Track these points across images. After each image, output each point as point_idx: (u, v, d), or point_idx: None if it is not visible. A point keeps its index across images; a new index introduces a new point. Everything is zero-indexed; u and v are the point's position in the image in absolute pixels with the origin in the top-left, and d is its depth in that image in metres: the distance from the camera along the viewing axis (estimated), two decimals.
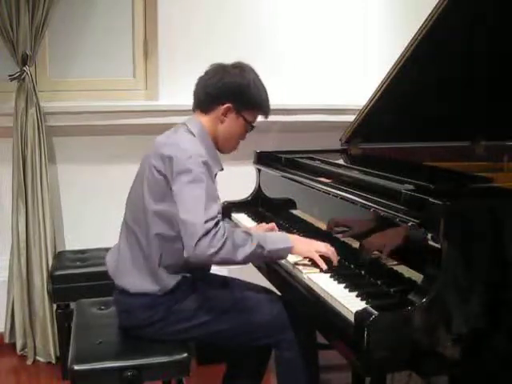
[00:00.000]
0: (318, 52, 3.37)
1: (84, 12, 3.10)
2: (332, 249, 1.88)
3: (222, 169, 2.02)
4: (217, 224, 1.75)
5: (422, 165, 2.26)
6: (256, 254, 1.79)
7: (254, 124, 2.03)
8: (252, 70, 2.00)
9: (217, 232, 1.73)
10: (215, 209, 1.78)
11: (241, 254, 1.76)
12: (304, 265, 1.88)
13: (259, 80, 2.01)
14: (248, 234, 1.82)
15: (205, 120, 1.98)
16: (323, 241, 1.91)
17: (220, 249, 1.72)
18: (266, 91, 2.02)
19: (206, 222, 1.72)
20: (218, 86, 1.94)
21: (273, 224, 2.18)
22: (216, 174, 1.97)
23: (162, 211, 1.85)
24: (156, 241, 1.87)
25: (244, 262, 1.80)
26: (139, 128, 3.11)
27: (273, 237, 1.88)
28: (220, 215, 1.80)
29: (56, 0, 2.82)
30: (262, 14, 3.28)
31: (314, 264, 1.85)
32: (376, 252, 1.73)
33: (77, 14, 3.09)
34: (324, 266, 1.82)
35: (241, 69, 1.98)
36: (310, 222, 2.19)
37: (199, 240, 1.70)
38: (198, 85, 2.00)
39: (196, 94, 2.01)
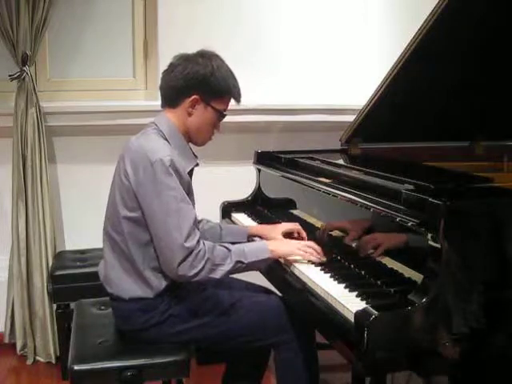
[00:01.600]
0: (317, 52, 3.36)
1: (84, 12, 3.10)
2: (311, 242, 1.94)
3: (198, 164, 1.98)
4: (198, 242, 1.75)
5: (422, 165, 2.26)
6: (235, 269, 1.83)
7: (226, 112, 1.97)
8: (216, 56, 1.94)
9: (198, 253, 1.74)
10: (190, 221, 1.76)
11: (220, 272, 1.79)
12: (298, 262, 1.91)
13: (224, 66, 1.94)
14: (227, 250, 1.82)
15: (173, 115, 1.93)
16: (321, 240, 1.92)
17: (201, 270, 1.75)
18: (233, 76, 1.95)
19: (186, 240, 1.73)
20: (180, 77, 1.88)
21: (295, 223, 2.18)
22: (192, 170, 1.95)
23: (133, 217, 1.83)
24: (135, 246, 1.85)
25: (223, 278, 1.83)
26: (139, 128, 3.05)
27: (252, 248, 1.90)
28: (195, 222, 1.79)
29: (56, 0, 2.83)
30: (262, 14, 3.28)
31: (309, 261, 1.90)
32: (376, 252, 1.73)
33: (77, 14, 3.09)
34: (314, 258, 1.88)
35: (202, 57, 1.91)
36: (310, 222, 2.19)
37: (180, 263, 1.73)
38: (162, 79, 1.95)
39: (161, 89, 1.96)
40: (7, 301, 2.98)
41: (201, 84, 1.88)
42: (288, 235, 2.13)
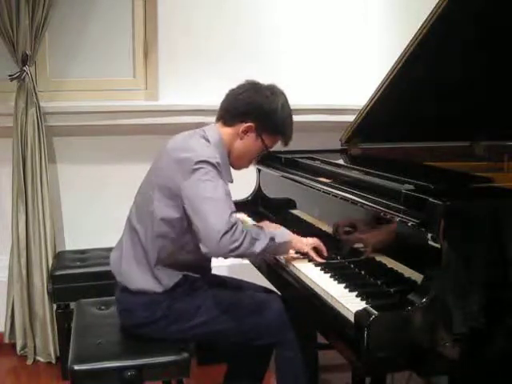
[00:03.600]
0: (317, 52, 3.36)
1: (84, 12, 3.10)
2: (318, 241, 1.96)
3: (232, 181, 2.02)
4: (236, 219, 1.79)
5: (422, 165, 2.26)
6: (269, 246, 1.85)
7: (271, 149, 2.05)
8: (283, 95, 2.01)
9: (237, 227, 1.76)
10: (232, 204, 1.82)
11: (258, 246, 1.81)
12: (298, 259, 1.94)
13: (288, 107, 2.02)
14: (259, 227, 1.90)
15: (224, 132, 1.98)
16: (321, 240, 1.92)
17: (242, 243, 1.76)
18: (291, 120, 2.04)
19: (230, 215, 1.76)
20: (245, 103, 1.95)
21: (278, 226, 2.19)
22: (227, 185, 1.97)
23: (169, 216, 1.86)
24: (155, 241, 1.88)
25: (261, 254, 1.84)
26: (139, 128, 3.11)
27: (277, 232, 1.94)
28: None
29: (56, 0, 2.83)
30: (262, 14, 3.28)
31: (309, 259, 1.92)
32: (375, 252, 1.73)
33: (77, 14, 3.09)
34: (319, 259, 1.90)
35: (272, 92, 1.98)
36: (310, 221, 2.19)
37: (224, 235, 1.73)
38: (227, 96, 2.01)
39: (223, 105, 2.01)
40: (7, 301, 2.98)
41: (262, 116, 1.96)
42: None
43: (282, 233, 1.95)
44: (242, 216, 2.56)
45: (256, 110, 1.95)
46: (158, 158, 1.96)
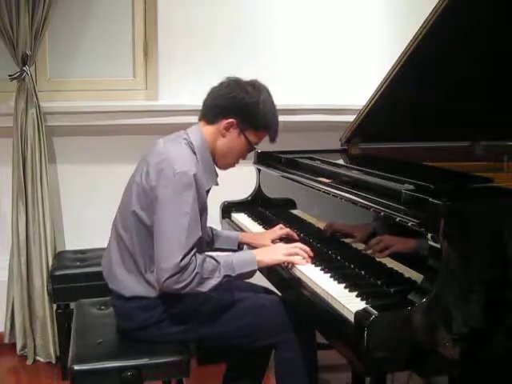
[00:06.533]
0: (317, 52, 3.37)
1: (84, 12, 3.10)
2: (298, 244, 1.94)
3: (217, 184, 2.00)
4: (191, 259, 1.75)
5: (422, 165, 2.26)
6: (222, 282, 1.82)
7: (256, 146, 2.00)
8: (265, 90, 1.95)
9: (187, 269, 1.74)
10: (194, 240, 1.77)
11: (207, 286, 1.80)
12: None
13: (271, 102, 1.95)
14: (217, 263, 1.82)
15: (207, 131, 1.95)
16: (319, 241, 1.91)
17: (187, 284, 1.75)
18: (275, 115, 1.97)
19: (182, 259, 1.73)
20: (225, 98, 1.91)
21: (281, 226, 2.19)
22: (209, 189, 1.97)
23: (144, 219, 1.84)
24: (141, 246, 1.86)
25: (210, 290, 1.82)
26: (139, 128, 3.11)
27: (240, 261, 1.88)
28: (198, 242, 1.79)
29: (56, 0, 2.83)
30: (262, 14, 3.28)
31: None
32: (375, 252, 1.73)
33: (77, 14, 3.09)
34: (302, 261, 1.87)
35: (253, 86, 1.93)
36: (310, 222, 2.19)
37: (169, 278, 1.73)
38: (208, 94, 1.97)
39: (204, 103, 1.98)
40: (7, 301, 2.98)
41: (242, 111, 1.90)
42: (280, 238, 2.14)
43: (246, 260, 1.89)
44: (242, 216, 2.57)
45: (236, 104, 1.89)
46: (144, 159, 1.92)
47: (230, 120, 1.91)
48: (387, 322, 1.40)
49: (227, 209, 2.63)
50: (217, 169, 2.01)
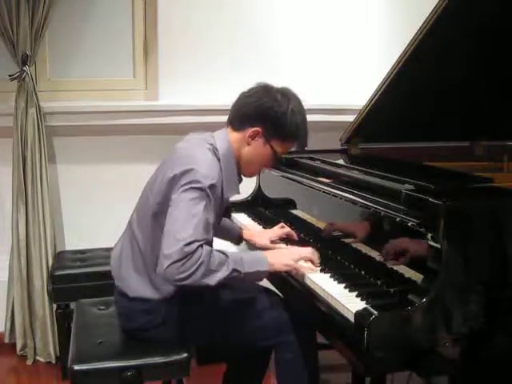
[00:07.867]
0: (317, 52, 3.36)
1: (84, 12, 3.10)
2: (310, 249, 1.88)
3: (239, 193, 1.97)
4: (197, 247, 1.68)
5: (422, 165, 2.26)
6: (231, 277, 1.75)
7: (282, 156, 1.95)
8: (296, 100, 1.89)
9: (192, 256, 1.67)
10: (202, 233, 1.71)
11: (213, 279, 1.71)
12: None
13: (300, 111, 1.88)
14: (226, 256, 1.75)
15: (234, 138, 1.89)
16: (319, 242, 1.91)
17: (191, 274, 1.67)
18: (304, 125, 1.90)
19: (187, 245, 1.66)
20: (253, 106, 1.85)
21: (283, 225, 2.18)
22: (228, 197, 1.93)
23: (163, 223, 1.78)
24: (153, 247, 1.84)
25: (217, 285, 1.74)
26: (139, 128, 3.11)
27: (250, 259, 1.81)
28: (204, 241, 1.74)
29: (56, 0, 2.83)
30: (261, 14, 3.28)
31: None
32: (375, 252, 1.73)
33: (77, 14, 3.09)
34: (309, 270, 1.82)
35: (283, 94, 1.86)
36: (310, 222, 2.19)
37: (172, 263, 1.66)
38: (237, 100, 1.91)
39: (232, 108, 1.92)
40: (7, 301, 2.98)
41: (269, 120, 1.84)
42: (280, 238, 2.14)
43: (257, 260, 1.81)
44: (242, 216, 2.57)
45: (263, 113, 1.83)
46: (165, 163, 1.88)
47: (256, 128, 1.85)
48: (387, 322, 1.40)
49: (227, 209, 2.62)
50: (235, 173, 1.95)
